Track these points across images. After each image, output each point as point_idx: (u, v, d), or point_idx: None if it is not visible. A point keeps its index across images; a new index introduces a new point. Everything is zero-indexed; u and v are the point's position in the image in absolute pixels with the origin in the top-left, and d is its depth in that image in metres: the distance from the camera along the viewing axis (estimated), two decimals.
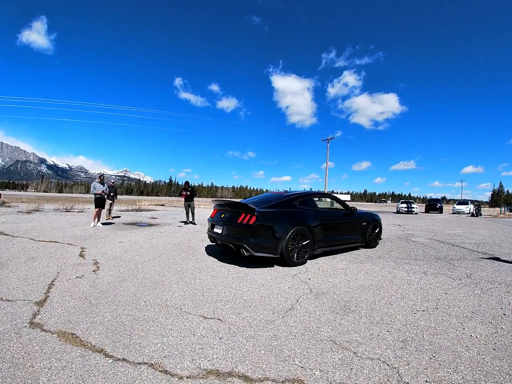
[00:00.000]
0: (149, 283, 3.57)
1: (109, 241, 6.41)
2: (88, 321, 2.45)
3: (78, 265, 4.31)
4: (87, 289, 3.28)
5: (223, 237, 4.85)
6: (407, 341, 2.27)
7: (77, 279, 3.64)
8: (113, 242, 6.38)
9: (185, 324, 2.45)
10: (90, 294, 3.10)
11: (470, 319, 2.69)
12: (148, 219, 12.07)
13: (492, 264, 5.04)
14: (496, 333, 2.40)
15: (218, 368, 1.85)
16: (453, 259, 5.42)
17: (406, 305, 3.07)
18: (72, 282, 3.50)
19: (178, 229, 9.16)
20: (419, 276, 4.22)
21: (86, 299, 2.95)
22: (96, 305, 2.81)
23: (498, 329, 2.48)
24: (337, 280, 3.97)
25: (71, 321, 2.43)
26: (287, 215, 4.88)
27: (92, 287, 3.36)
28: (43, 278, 3.62)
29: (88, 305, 2.79)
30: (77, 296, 3.04)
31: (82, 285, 3.40)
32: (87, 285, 3.40)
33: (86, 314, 2.58)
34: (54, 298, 2.95)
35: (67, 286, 3.37)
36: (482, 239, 8.40)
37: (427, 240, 8.14)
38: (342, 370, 1.87)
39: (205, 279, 3.83)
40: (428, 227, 12.12)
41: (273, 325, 2.50)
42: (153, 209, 19.23)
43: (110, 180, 13.31)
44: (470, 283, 3.84)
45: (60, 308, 2.70)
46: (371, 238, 6.64)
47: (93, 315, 2.57)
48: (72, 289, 3.25)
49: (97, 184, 9.30)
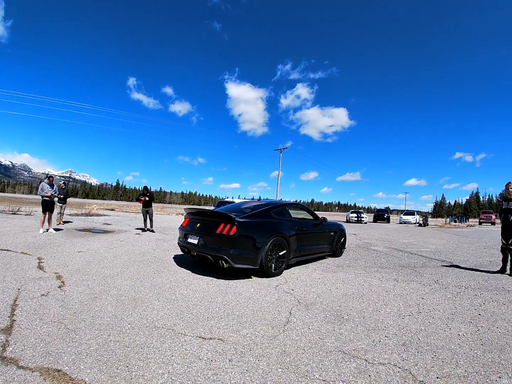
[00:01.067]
0: (126, 301, 3.37)
1: (66, 250, 6.23)
2: (71, 351, 2.20)
3: (40, 280, 4.02)
4: (57, 310, 2.97)
5: (200, 248, 4.77)
6: (407, 344, 2.58)
7: (43, 298, 3.29)
8: (72, 251, 6.19)
9: (185, 348, 2.36)
10: (63, 317, 2.81)
11: (452, 320, 3.18)
12: (102, 225, 12.12)
13: (453, 271, 5.95)
14: (478, 331, 2.91)
15: None
16: (416, 267, 6.21)
17: (392, 311, 3.45)
18: (38, 302, 3.16)
19: (137, 237, 9.13)
20: (392, 283, 4.74)
21: (60, 323, 2.66)
22: (74, 330, 2.55)
23: (479, 327, 3.01)
24: (319, 290, 4.23)
25: (51, 353, 2.15)
26: (266, 225, 5.06)
27: (63, 307, 3.05)
28: (3, 297, 3.25)
29: (65, 331, 2.52)
30: (48, 319, 2.74)
31: (51, 305, 3.08)
32: (57, 305, 3.09)
33: (66, 343, 2.32)
34: (22, 323, 2.61)
35: (34, 306, 3.02)
36: (436, 248, 9.78)
37: (385, 248, 9.11)
38: (362, 378, 2.05)
39: (187, 294, 3.75)
40: (382, 236, 13.52)
41: (277, 341, 2.58)
42: (104, 214, 19.41)
43: (61, 181, 13.11)
44: (440, 288, 4.49)
45: (32, 336, 2.39)
46: (337, 247, 7.22)
47: (74, 344, 2.32)
48: (41, 311, 2.92)
49: (46, 185, 8.90)
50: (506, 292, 4.39)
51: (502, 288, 4.59)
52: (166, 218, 19.99)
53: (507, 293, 4.33)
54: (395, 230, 18.68)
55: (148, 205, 10.80)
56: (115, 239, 8.35)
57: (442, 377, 2.08)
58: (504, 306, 3.73)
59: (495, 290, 4.49)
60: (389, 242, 11.21)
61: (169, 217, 21.18)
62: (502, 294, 4.28)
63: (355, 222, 28.52)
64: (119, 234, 9.52)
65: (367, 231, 16.67)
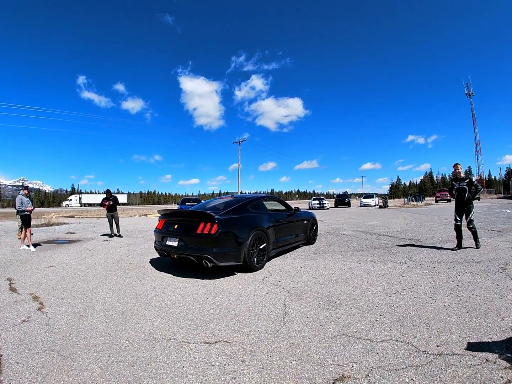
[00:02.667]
0: (115, 315, 3.21)
1: (35, 267, 5.91)
2: (74, 382, 2.04)
3: (16, 304, 3.74)
4: (45, 336, 2.74)
5: (180, 250, 4.69)
6: (401, 320, 2.84)
7: (25, 324, 3.01)
8: (41, 267, 5.87)
9: (194, 356, 2.33)
10: (53, 343, 2.59)
11: (435, 293, 3.55)
12: (65, 234, 11.66)
13: (423, 248, 6.55)
14: (461, 300, 3.30)
15: None
16: (388, 247, 6.73)
17: (378, 290, 3.74)
18: (21, 329, 2.90)
19: (106, 243, 8.91)
20: (370, 264, 5.10)
21: (52, 351, 2.46)
22: (70, 356, 2.37)
23: (460, 297, 3.40)
24: (304, 278, 4.41)
25: None
26: (245, 220, 5.14)
27: (50, 332, 2.82)
28: None
29: (60, 359, 2.32)
30: (37, 348, 2.51)
31: (36, 332, 2.83)
32: (42, 331, 2.84)
33: (65, 373, 2.14)
34: (11, 357, 2.37)
35: (17, 335, 2.76)
36: (401, 228, 10.63)
37: (354, 232, 9.71)
38: (371, 356, 2.22)
39: (176, 299, 3.68)
40: (347, 221, 14.33)
41: (282, 334, 2.66)
42: (64, 222, 18.31)
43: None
44: (416, 265, 4.94)
45: (26, 371, 2.18)
46: (310, 235, 7.54)
47: (75, 372, 2.15)
48: (27, 339, 2.67)
49: (24, 198, 8.33)
50: (476, 263, 4.98)
51: (472, 260, 5.19)
52: (130, 220, 19.00)
53: (477, 264, 4.92)
54: (358, 214, 19.88)
55: (112, 209, 10.49)
56: (83, 248, 8.05)
57: (441, 344, 2.34)
58: (477, 276, 4.24)
59: (466, 262, 5.07)
60: (356, 225, 11.93)
61: (132, 220, 20.19)
62: (473, 265, 4.85)
63: (318, 208, 29.76)
64: (86, 242, 9.19)
65: (332, 217, 17.53)
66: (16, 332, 2.89)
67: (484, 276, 4.21)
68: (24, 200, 8.16)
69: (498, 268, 4.56)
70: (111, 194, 10.73)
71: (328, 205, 30.97)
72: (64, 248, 8.13)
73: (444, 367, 2.05)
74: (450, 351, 2.26)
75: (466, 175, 6.25)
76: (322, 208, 30.01)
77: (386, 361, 2.15)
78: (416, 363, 2.11)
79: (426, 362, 2.12)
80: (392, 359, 2.18)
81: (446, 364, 2.09)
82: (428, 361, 2.14)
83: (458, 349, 2.28)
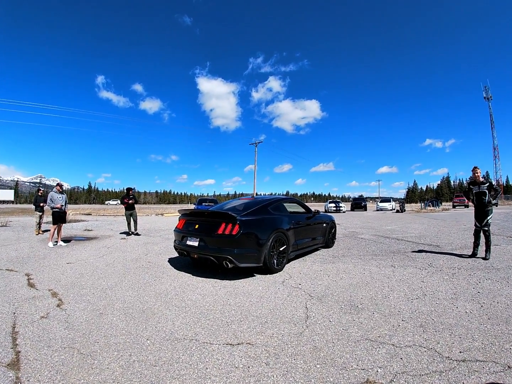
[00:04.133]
0: (135, 314, 3.32)
1: (54, 263, 6.02)
2: (95, 381, 2.10)
3: (35, 299, 3.82)
4: (64, 333, 2.83)
5: (201, 250, 4.81)
6: (424, 326, 2.88)
7: (44, 320, 3.13)
8: (60, 263, 5.99)
9: (216, 358, 2.40)
10: (72, 340, 2.69)
11: (456, 300, 3.55)
12: (83, 231, 11.86)
13: (442, 254, 6.48)
14: (482, 307, 3.29)
15: None
16: (407, 252, 6.69)
17: (399, 296, 3.77)
18: (40, 326, 3.00)
19: (124, 242, 9.05)
20: (390, 269, 5.11)
21: (72, 348, 2.55)
22: (90, 354, 2.45)
23: (481, 304, 3.40)
24: (325, 282, 4.47)
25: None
26: (266, 222, 5.21)
27: (69, 329, 2.92)
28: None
29: (80, 357, 2.42)
30: (57, 345, 2.60)
31: (55, 328, 2.94)
32: (61, 327, 2.94)
33: (85, 371, 2.21)
34: (29, 354, 2.45)
35: (36, 332, 2.86)
36: (419, 233, 10.50)
37: (372, 236, 9.65)
38: (395, 361, 2.28)
39: (196, 300, 3.79)
40: (364, 224, 14.22)
41: (305, 337, 2.74)
42: (81, 219, 18.93)
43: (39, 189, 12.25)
44: (436, 271, 4.92)
45: (45, 368, 2.24)
46: (329, 239, 7.57)
47: (95, 371, 2.22)
48: (45, 336, 2.77)
49: (56, 194, 8.44)
50: (496, 270, 4.91)
51: (491, 267, 5.12)
52: (147, 219, 19.52)
53: (497, 271, 4.86)
54: (375, 218, 19.65)
55: (132, 207, 10.65)
56: (101, 246, 8.21)
57: (464, 351, 2.38)
58: (498, 283, 4.20)
59: (486, 269, 5.01)
60: (373, 229, 11.84)
61: (149, 218, 20.76)
62: (493, 272, 4.79)
63: (334, 211, 29.54)
64: (104, 240, 9.36)
65: (349, 220, 17.40)
66: (35, 329, 2.93)
67: (505, 283, 4.16)
68: (54, 197, 8.29)
69: None
70: (132, 192, 10.95)
71: (344, 208, 30.73)
72: (82, 245, 8.39)
73: (468, 373, 2.09)
74: (473, 357, 2.29)
75: (485, 179, 6.16)
76: (339, 212, 29.78)
77: (410, 367, 2.20)
78: (440, 369, 2.16)
79: (449, 368, 2.16)
80: (416, 364, 2.23)
81: (470, 370, 2.13)
82: (452, 367, 2.18)
83: (481, 356, 2.31)
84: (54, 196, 8.32)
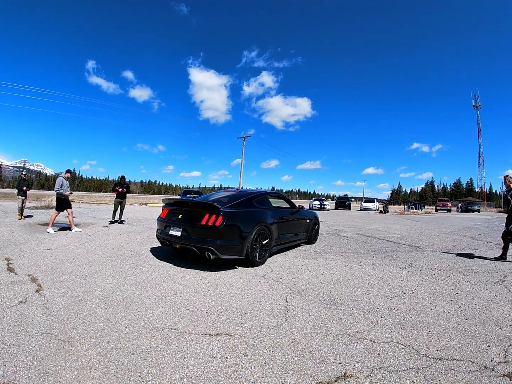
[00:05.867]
0: (115, 301, 3.21)
1: (34, 248, 5.90)
2: (72, 367, 2.01)
3: (13, 284, 3.69)
4: (42, 318, 2.72)
5: (183, 240, 4.69)
6: (402, 323, 2.87)
7: (23, 305, 2.99)
8: (40, 249, 5.87)
9: (194, 347, 2.34)
10: (50, 326, 2.58)
11: (435, 299, 3.58)
12: (65, 218, 11.30)
13: (423, 255, 6.57)
14: (460, 308, 3.32)
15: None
16: (388, 251, 6.76)
17: (379, 293, 3.77)
18: (18, 311, 2.88)
19: (106, 230, 8.96)
20: (371, 267, 5.13)
21: (50, 334, 2.44)
22: (68, 341, 2.35)
23: (460, 305, 3.43)
24: (306, 276, 4.44)
25: (50, 372, 1.95)
26: (250, 214, 5.13)
27: (47, 314, 2.80)
28: None
29: (58, 343, 2.31)
30: (34, 331, 2.49)
31: (34, 314, 2.81)
32: (40, 313, 2.83)
33: (63, 357, 2.12)
34: (6, 338, 2.35)
35: (14, 317, 2.74)
36: (401, 233, 10.67)
37: (354, 235, 9.74)
38: (373, 357, 2.25)
39: (176, 289, 3.69)
40: (348, 223, 14.36)
41: (284, 330, 2.68)
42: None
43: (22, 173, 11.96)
44: (416, 271, 4.97)
45: (22, 353, 2.15)
46: (312, 235, 7.57)
47: (73, 357, 2.13)
48: (23, 321, 2.65)
49: (65, 181, 8.29)
50: (475, 273, 5.00)
51: (471, 270, 5.21)
52: (130, 208, 19.07)
53: (476, 274, 4.94)
54: (358, 217, 19.91)
55: (123, 196, 10.50)
56: (83, 233, 8.06)
57: (441, 349, 2.37)
58: (476, 285, 4.26)
59: (465, 271, 5.09)
60: (356, 228, 11.96)
61: (133, 208, 20.35)
62: (472, 275, 4.87)
63: (318, 209, 29.76)
64: (86, 227, 9.17)
65: (333, 218, 17.57)
66: (12, 313, 2.84)
67: (483, 286, 4.23)
68: (64, 183, 8.13)
69: (497, 279, 4.58)
70: (125, 181, 10.73)
71: (328, 206, 30.97)
72: (64, 232, 8.13)
73: (444, 371, 2.07)
74: (450, 356, 2.29)
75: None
76: (323, 209, 30.00)
77: (387, 362, 2.17)
78: (417, 366, 2.14)
79: (426, 366, 2.15)
80: (393, 360, 2.20)
81: (446, 368, 2.11)
82: (429, 364, 2.16)
83: (457, 355, 2.30)
84: (64, 183, 8.10)
